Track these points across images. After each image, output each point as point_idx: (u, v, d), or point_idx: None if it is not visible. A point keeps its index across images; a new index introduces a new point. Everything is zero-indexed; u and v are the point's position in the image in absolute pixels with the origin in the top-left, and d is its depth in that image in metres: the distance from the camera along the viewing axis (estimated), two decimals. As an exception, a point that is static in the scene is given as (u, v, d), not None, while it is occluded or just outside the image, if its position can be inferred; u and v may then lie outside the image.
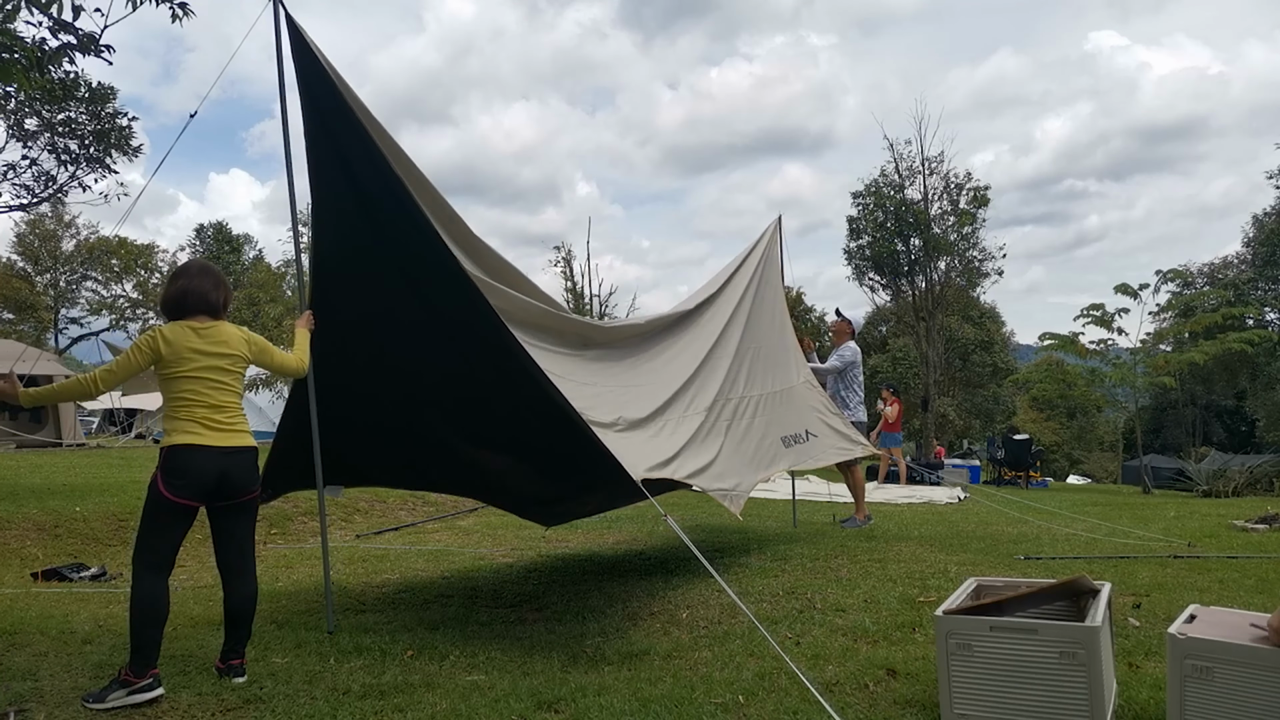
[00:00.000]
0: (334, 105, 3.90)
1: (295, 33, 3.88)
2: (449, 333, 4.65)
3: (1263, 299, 30.07)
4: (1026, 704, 2.86)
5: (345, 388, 4.80)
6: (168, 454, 3.59)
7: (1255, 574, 5.40)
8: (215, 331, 3.70)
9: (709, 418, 5.66)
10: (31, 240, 39.87)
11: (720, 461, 5.36)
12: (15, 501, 8.17)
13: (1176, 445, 33.18)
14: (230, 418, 3.69)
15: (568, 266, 28.97)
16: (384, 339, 4.81)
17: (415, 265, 4.38)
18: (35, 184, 11.96)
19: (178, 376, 3.61)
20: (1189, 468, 17.61)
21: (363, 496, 10.42)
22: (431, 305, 4.53)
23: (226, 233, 49.86)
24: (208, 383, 3.64)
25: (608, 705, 3.29)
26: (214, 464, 3.59)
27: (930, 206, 26.79)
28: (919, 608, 4.63)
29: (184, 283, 3.73)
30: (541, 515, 6.80)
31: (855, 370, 8.45)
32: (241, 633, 3.78)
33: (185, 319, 3.67)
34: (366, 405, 5.08)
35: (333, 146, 4.11)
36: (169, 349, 3.59)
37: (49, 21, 5.00)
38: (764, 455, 6.06)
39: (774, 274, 7.49)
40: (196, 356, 3.62)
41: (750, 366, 6.55)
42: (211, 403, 3.63)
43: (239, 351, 3.74)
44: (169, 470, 3.55)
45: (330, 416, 4.60)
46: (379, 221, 4.28)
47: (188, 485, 3.54)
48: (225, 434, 3.65)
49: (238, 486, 3.68)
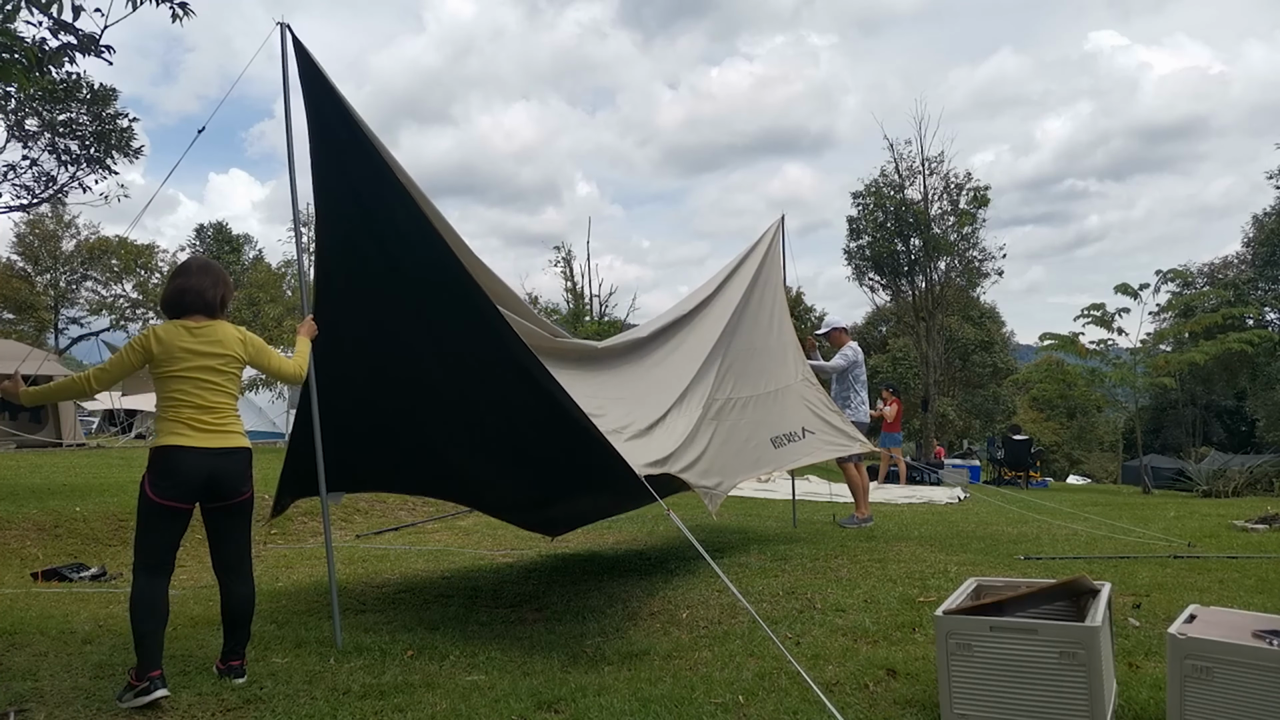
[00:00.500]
0: (338, 121, 3.93)
1: (302, 54, 3.91)
2: (454, 345, 4.65)
3: (1263, 299, 30.06)
4: (1026, 704, 2.86)
5: (348, 395, 4.80)
6: (154, 455, 3.56)
7: (1255, 574, 5.40)
8: (210, 331, 3.66)
9: (703, 414, 5.68)
10: (31, 240, 39.85)
11: (705, 458, 5.38)
12: (15, 501, 8.17)
13: (1176, 445, 33.16)
14: (221, 418, 3.63)
15: (568, 267, 28.99)
16: (388, 348, 4.78)
17: (422, 277, 4.35)
18: (35, 184, 11.96)
19: (169, 376, 3.57)
20: (1189, 468, 17.61)
21: (363, 497, 10.42)
22: (437, 317, 4.51)
23: (226, 233, 49.87)
24: (198, 383, 3.58)
25: (608, 705, 3.29)
26: (201, 465, 3.54)
27: (930, 206, 26.77)
28: (919, 608, 4.63)
29: (182, 281, 3.69)
30: (544, 525, 6.81)
31: (858, 370, 8.45)
32: (241, 634, 3.76)
33: (183, 318, 3.64)
34: (370, 412, 5.07)
35: (337, 159, 4.11)
36: (161, 348, 3.56)
37: (49, 21, 5.00)
38: (748, 456, 6.05)
39: (775, 273, 7.48)
40: (188, 356, 3.58)
41: (742, 368, 6.53)
42: (200, 403, 3.58)
43: (233, 352, 3.68)
44: (155, 471, 3.52)
45: (334, 425, 4.59)
46: (383, 232, 4.26)
47: (173, 487, 3.50)
48: (214, 435, 3.59)
49: (228, 488, 3.63)
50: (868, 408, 8.59)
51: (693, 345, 6.21)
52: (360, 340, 4.65)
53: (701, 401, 5.78)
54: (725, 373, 6.34)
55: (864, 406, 8.40)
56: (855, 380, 8.41)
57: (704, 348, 6.20)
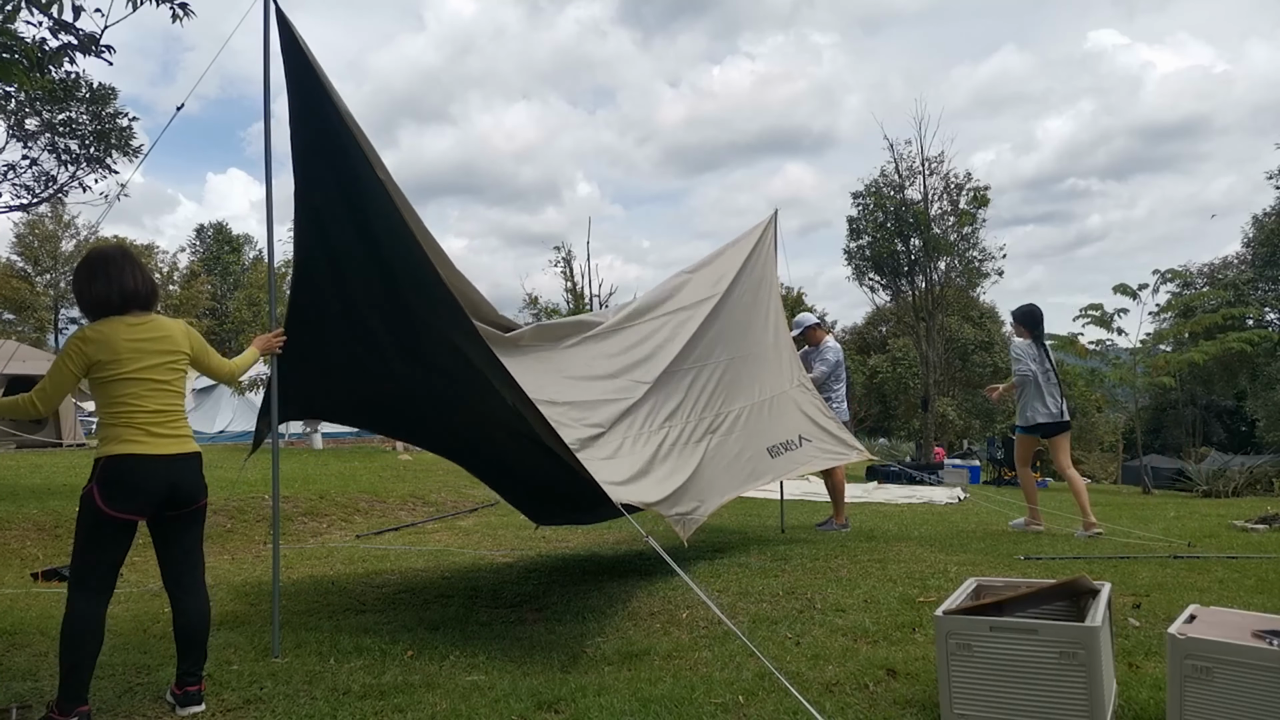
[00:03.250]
0: (320, 101, 3.80)
1: (286, 30, 3.76)
2: (425, 342, 4.66)
3: (1263, 299, 30.08)
4: (1026, 704, 2.86)
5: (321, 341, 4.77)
6: (106, 465, 3.22)
7: (1255, 574, 5.40)
8: (152, 326, 3.34)
9: (669, 434, 5.40)
10: (31, 240, 39.87)
11: (690, 482, 5.13)
12: (15, 501, 8.17)
13: (1176, 445, 33.15)
14: (176, 423, 3.36)
15: (568, 266, 29.00)
16: (361, 335, 4.78)
17: (391, 267, 4.32)
18: (35, 184, 11.95)
19: (118, 379, 3.24)
20: (1189, 468, 17.59)
21: (363, 496, 10.43)
22: (407, 306, 4.49)
23: (227, 233, 49.89)
24: (150, 384, 3.29)
25: (608, 705, 3.29)
26: (162, 475, 3.27)
27: (930, 207, 26.79)
28: (919, 608, 4.63)
29: (105, 279, 3.30)
30: (532, 511, 6.85)
31: (840, 369, 8.27)
32: (197, 654, 3.43)
33: (117, 316, 3.30)
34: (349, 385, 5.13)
35: (318, 142, 3.97)
36: (99, 348, 3.22)
37: (49, 21, 5.00)
38: (740, 471, 5.86)
39: (769, 273, 7.25)
40: (136, 355, 3.27)
41: (731, 378, 6.27)
42: (155, 407, 3.29)
43: (181, 348, 3.40)
44: (108, 483, 3.19)
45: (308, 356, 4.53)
46: (359, 221, 4.20)
47: (131, 498, 3.21)
48: (172, 441, 3.32)
49: (187, 496, 3.38)
50: (846, 404, 8.31)
51: (658, 344, 5.89)
52: (335, 327, 4.66)
53: (666, 415, 5.50)
54: (713, 384, 6.08)
55: (844, 404, 8.15)
56: (834, 379, 8.16)
57: (668, 355, 5.85)
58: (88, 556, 3.24)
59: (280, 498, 9.15)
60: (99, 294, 3.31)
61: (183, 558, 3.47)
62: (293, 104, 3.91)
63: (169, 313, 37.27)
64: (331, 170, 4.03)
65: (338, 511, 9.66)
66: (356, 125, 3.80)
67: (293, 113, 3.93)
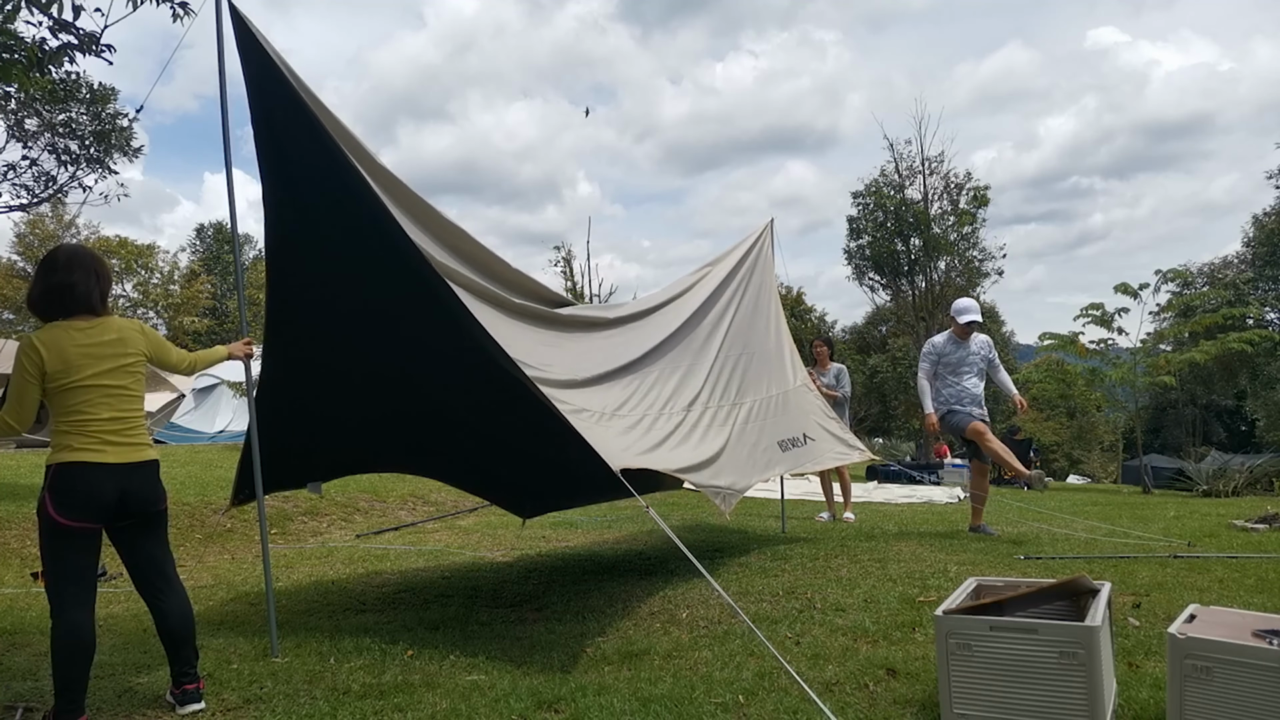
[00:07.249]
0: (281, 95, 3.74)
1: (240, 25, 3.68)
2: (408, 319, 4.60)
3: (1263, 299, 30.06)
4: (1026, 704, 2.86)
5: (309, 380, 4.78)
6: (57, 472, 3.14)
7: (1255, 574, 5.40)
8: (102, 329, 3.22)
9: (689, 417, 5.58)
10: (31, 240, 39.88)
11: (719, 460, 5.33)
12: (15, 501, 8.18)
13: (1176, 445, 33.15)
14: (133, 429, 3.27)
15: (568, 266, 28.98)
16: (344, 328, 4.72)
17: (369, 252, 4.23)
18: (35, 184, 11.95)
19: (72, 388, 3.14)
20: (1189, 467, 17.58)
21: (362, 496, 10.43)
22: (389, 292, 4.44)
23: (227, 233, 49.86)
24: (103, 391, 3.18)
25: (608, 705, 3.29)
26: (113, 483, 3.18)
27: (930, 206, 26.81)
28: (919, 608, 4.63)
29: (52, 279, 3.22)
30: (518, 505, 6.87)
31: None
32: (187, 652, 3.40)
33: (63, 320, 3.20)
34: (331, 396, 5.06)
35: (278, 135, 3.93)
36: (51, 357, 3.12)
37: (49, 21, 4.99)
38: (759, 459, 6.04)
39: (768, 278, 7.49)
40: (89, 361, 3.16)
41: (743, 371, 6.52)
42: (109, 415, 3.19)
43: (137, 348, 3.29)
44: (59, 490, 3.12)
45: (297, 411, 4.55)
46: (330, 209, 4.12)
47: (81, 507, 3.13)
48: (127, 449, 3.23)
49: (140, 503, 3.30)
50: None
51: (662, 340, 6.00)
52: (315, 323, 4.62)
53: (685, 403, 5.68)
54: (729, 375, 6.32)
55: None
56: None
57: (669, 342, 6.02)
58: (55, 567, 3.19)
59: (281, 497, 9.15)
60: (39, 297, 3.24)
61: (147, 563, 3.42)
62: (250, 93, 3.86)
63: (169, 313, 37.17)
64: (300, 152, 3.95)
65: (337, 511, 9.66)
66: (317, 101, 3.74)
67: (251, 100, 3.88)
